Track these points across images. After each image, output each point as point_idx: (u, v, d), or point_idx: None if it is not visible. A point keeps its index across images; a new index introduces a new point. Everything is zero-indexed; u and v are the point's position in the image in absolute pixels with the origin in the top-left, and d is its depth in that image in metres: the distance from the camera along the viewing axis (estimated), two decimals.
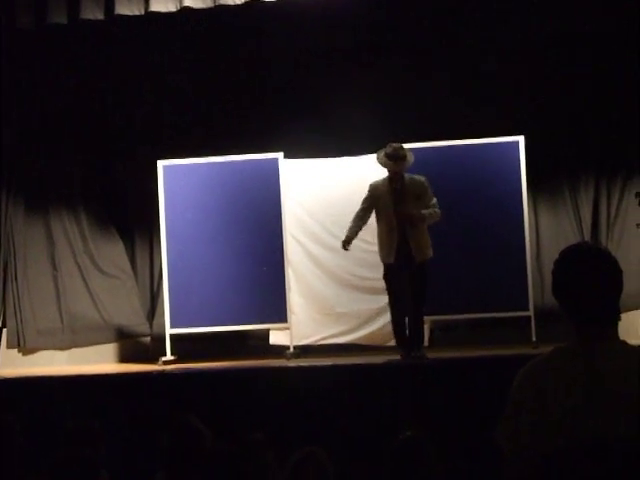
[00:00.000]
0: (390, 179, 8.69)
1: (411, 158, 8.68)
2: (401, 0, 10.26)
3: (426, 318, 9.56)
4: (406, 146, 9.66)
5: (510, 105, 10.23)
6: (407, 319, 8.74)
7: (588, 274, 3.01)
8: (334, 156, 10.34)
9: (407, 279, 8.64)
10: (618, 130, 10.10)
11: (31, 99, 10.61)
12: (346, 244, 8.85)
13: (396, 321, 8.78)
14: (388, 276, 8.75)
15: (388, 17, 10.38)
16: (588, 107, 10.24)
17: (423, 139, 9.82)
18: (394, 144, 8.74)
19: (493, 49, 10.28)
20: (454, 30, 10.34)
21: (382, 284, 10.02)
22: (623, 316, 3.08)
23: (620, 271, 3.04)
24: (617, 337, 3.03)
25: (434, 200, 8.66)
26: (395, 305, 8.75)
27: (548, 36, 10.16)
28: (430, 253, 8.65)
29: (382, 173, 10.00)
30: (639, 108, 9.90)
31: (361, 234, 10.10)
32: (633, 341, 3.16)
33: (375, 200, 8.75)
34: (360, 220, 8.87)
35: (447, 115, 10.20)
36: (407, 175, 8.70)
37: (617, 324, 3.04)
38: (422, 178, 8.70)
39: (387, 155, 8.64)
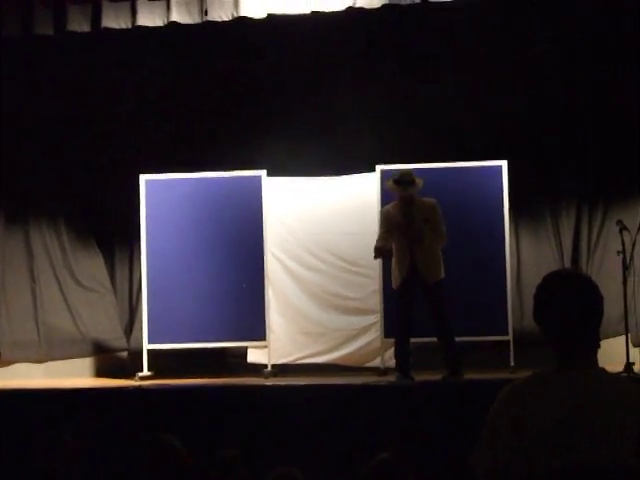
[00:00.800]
0: (400, 203, 8.70)
1: (420, 183, 8.68)
2: (387, 27, 10.27)
3: None
4: (389, 167, 9.71)
5: (494, 130, 10.26)
6: (440, 341, 8.72)
7: (570, 300, 3.01)
8: (318, 175, 10.34)
9: (425, 302, 8.66)
10: (601, 157, 10.15)
11: (11, 110, 10.56)
12: (378, 253, 8.74)
13: (396, 344, 8.75)
14: (398, 297, 8.73)
15: (374, 39, 10.39)
16: (571, 134, 10.28)
17: (406, 161, 9.82)
18: (402, 170, 8.83)
19: (479, 75, 10.30)
20: (440, 54, 10.35)
21: (362, 305, 10.08)
22: (602, 343, 3.08)
23: (601, 298, 3.04)
24: (596, 364, 3.03)
25: (442, 225, 8.66)
26: (400, 328, 8.72)
27: (532, 63, 10.20)
28: (441, 274, 8.65)
29: (365, 194, 10.05)
30: (622, 136, 9.97)
31: (343, 255, 10.15)
32: (612, 368, 3.15)
33: (388, 224, 8.71)
34: (383, 240, 8.75)
35: (431, 137, 10.22)
36: (418, 198, 8.71)
37: (597, 351, 3.04)
38: (432, 200, 8.73)
39: (394, 181, 8.68)
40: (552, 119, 10.31)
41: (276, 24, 9.59)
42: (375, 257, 8.82)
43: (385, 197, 9.69)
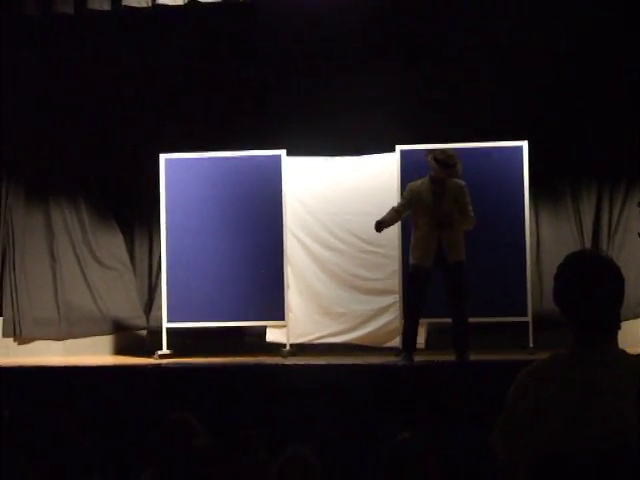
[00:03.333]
0: (432, 180, 8.60)
1: (460, 167, 8.56)
2: (406, 6, 10.23)
3: (422, 321, 9.52)
4: (409, 147, 9.68)
5: (515, 110, 10.20)
6: (452, 321, 8.63)
7: (590, 281, 2.99)
8: (337, 155, 10.32)
9: (444, 282, 8.57)
10: (622, 139, 10.08)
11: (33, 88, 10.58)
12: (379, 226, 8.61)
13: (409, 324, 8.68)
14: (415, 277, 8.62)
15: (393, 18, 10.34)
16: (593, 115, 10.23)
17: (427, 141, 9.79)
18: (448, 150, 8.61)
19: (499, 53, 10.26)
20: (459, 33, 10.30)
21: (381, 285, 10.06)
22: (622, 325, 3.06)
23: (622, 280, 3.02)
24: (616, 346, 3.02)
25: (470, 206, 8.59)
26: (412, 307, 8.66)
27: (554, 42, 10.14)
28: (463, 256, 8.56)
29: (385, 174, 10.02)
30: None
31: (362, 235, 10.12)
32: (632, 350, 3.13)
33: (414, 201, 8.62)
34: (395, 212, 8.69)
35: (451, 117, 10.18)
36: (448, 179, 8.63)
37: (617, 333, 3.02)
38: (462, 183, 8.61)
39: (437, 160, 8.50)
40: (573, 99, 10.25)
41: (294, 3, 9.55)
42: (377, 230, 8.64)
43: (405, 177, 9.66)
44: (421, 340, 9.89)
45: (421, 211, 8.58)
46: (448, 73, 10.28)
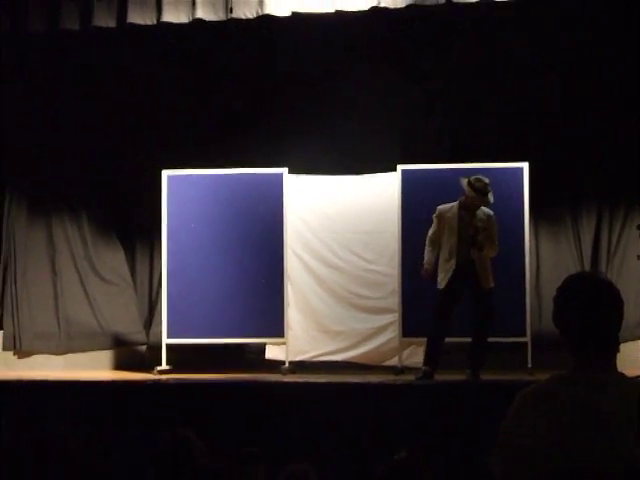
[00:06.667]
0: (461, 206, 8.69)
1: (491, 197, 8.65)
2: (411, 24, 10.26)
3: (421, 341, 9.54)
4: (410, 167, 9.73)
5: (516, 131, 10.24)
6: (472, 341, 8.73)
7: (590, 303, 2.99)
8: (339, 174, 10.35)
9: (472, 305, 8.66)
10: (621, 161, 10.11)
11: (37, 103, 10.63)
12: (428, 270, 8.73)
13: (434, 343, 8.76)
14: (440, 299, 8.68)
15: (397, 39, 10.40)
16: (593, 137, 10.25)
17: (428, 161, 9.85)
18: (484, 179, 8.66)
19: (500, 76, 10.30)
20: (462, 55, 10.35)
21: (380, 304, 10.08)
22: (622, 347, 3.07)
23: (621, 302, 3.02)
24: (615, 368, 3.02)
25: (496, 236, 8.70)
26: (437, 327, 8.71)
27: (554, 64, 10.18)
28: (492, 282, 8.65)
29: (386, 193, 10.06)
30: None
31: (362, 253, 10.14)
32: (630, 372, 3.15)
33: (442, 223, 8.71)
34: (430, 243, 8.77)
35: (453, 137, 10.23)
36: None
37: (616, 355, 3.03)
38: (491, 212, 8.72)
39: (473, 187, 8.59)
40: (575, 122, 10.28)
41: (300, 23, 9.60)
42: (427, 278, 8.73)
43: (406, 196, 9.70)
44: (420, 359, 9.91)
45: (446, 235, 8.67)
46: (450, 93, 10.33)
